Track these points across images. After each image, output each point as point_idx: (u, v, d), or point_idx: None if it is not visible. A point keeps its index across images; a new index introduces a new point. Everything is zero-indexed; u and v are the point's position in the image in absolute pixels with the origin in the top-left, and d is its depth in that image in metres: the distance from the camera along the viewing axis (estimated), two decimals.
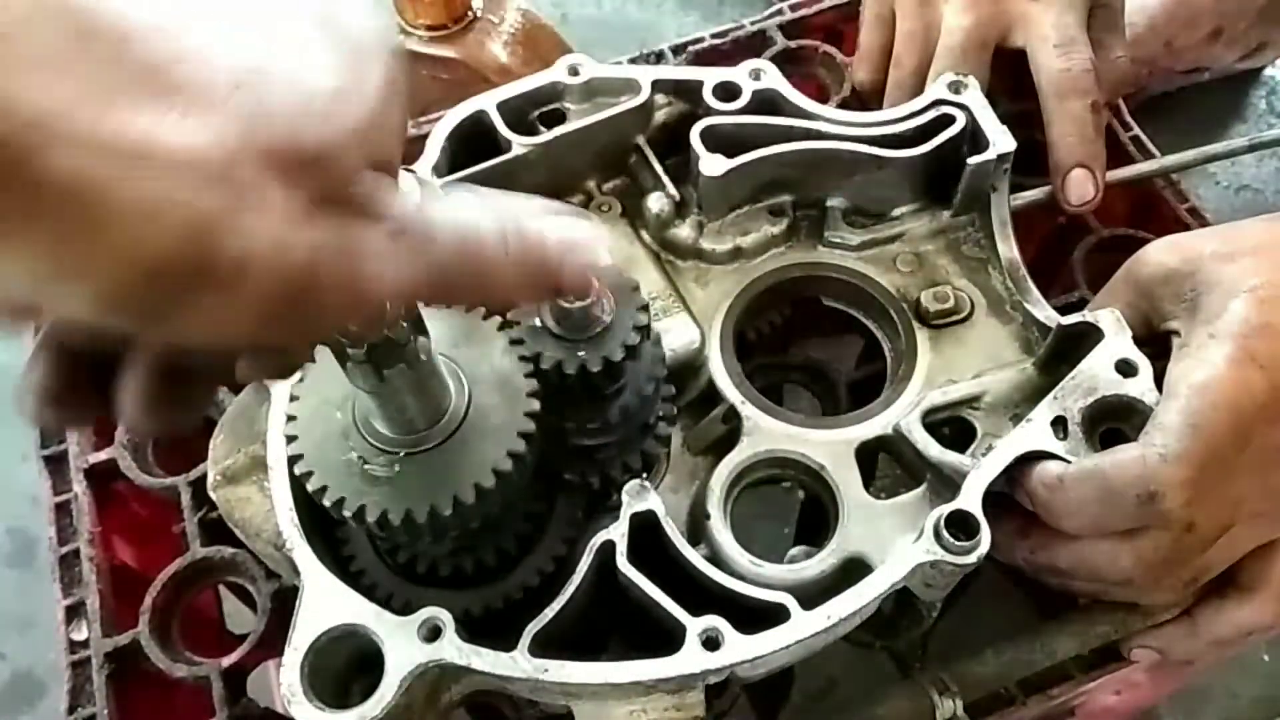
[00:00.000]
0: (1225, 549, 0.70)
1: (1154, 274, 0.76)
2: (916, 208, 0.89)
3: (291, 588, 0.80)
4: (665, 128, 0.89)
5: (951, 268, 0.87)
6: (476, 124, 0.85)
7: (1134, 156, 1.01)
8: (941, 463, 0.73)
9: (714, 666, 0.62)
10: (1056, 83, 0.89)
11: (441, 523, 0.58)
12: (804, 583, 0.70)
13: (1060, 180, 0.89)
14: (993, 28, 0.93)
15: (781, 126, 0.85)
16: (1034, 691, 0.80)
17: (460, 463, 0.57)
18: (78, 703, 0.80)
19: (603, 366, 0.63)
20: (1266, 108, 1.83)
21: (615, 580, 0.66)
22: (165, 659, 0.80)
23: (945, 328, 0.84)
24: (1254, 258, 0.72)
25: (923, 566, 0.66)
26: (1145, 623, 0.77)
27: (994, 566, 0.74)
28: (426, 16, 1.37)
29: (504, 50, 1.41)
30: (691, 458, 0.80)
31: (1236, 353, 0.67)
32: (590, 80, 0.87)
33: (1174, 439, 0.65)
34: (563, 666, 0.62)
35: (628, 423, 0.67)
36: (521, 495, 0.65)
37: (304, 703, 0.60)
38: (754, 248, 0.87)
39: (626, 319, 0.64)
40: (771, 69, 0.88)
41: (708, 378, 0.81)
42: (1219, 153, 0.96)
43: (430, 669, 0.61)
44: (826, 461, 0.75)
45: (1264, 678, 1.36)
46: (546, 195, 0.86)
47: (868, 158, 0.85)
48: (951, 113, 0.85)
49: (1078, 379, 0.73)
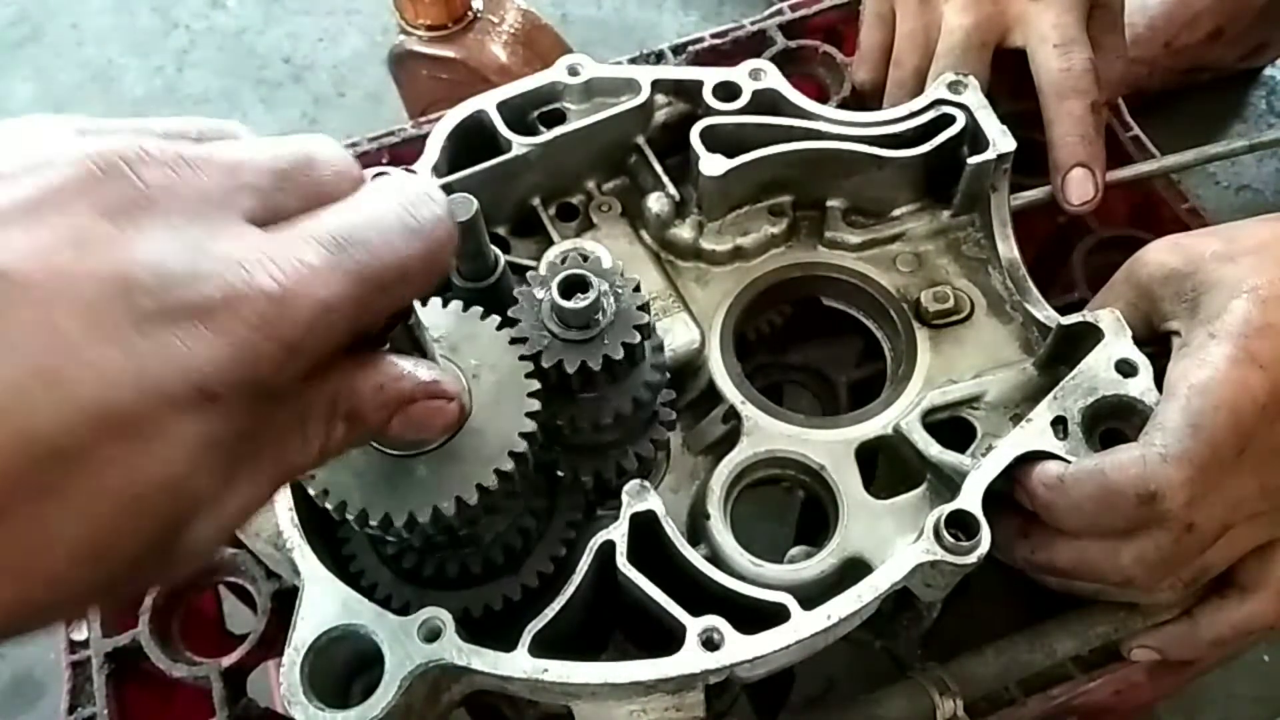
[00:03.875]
0: (1225, 549, 0.70)
1: (1154, 274, 0.76)
2: (916, 208, 0.89)
3: (291, 588, 0.80)
4: (665, 128, 0.89)
5: (951, 268, 0.87)
6: (476, 124, 0.85)
7: (1134, 157, 1.01)
8: (941, 463, 0.73)
9: (714, 667, 0.62)
10: (1056, 83, 0.89)
11: (444, 524, 0.58)
12: (804, 583, 0.70)
13: (1060, 180, 0.89)
14: (993, 28, 0.93)
15: (781, 126, 0.85)
16: (1034, 691, 0.80)
17: (462, 464, 0.57)
18: (77, 703, 0.80)
19: (603, 365, 0.63)
20: (1266, 108, 1.83)
21: (615, 580, 0.66)
22: (165, 659, 0.79)
23: (945, 328, 0.84)
24: (1255, 258, 0.72)
25: (923, 567, 0.66)
26: (1145, 623, 0.77)
27: (994, 566, 0.74)
28: (426, 16, 1.37)
29: (504, 50, 1.41)
30: (691, 458, 0.80)
31: (1237, 353, 0.67)
32: (590, 80, 0.87)
33: (1174, 439, 0.65)
34: (563, 667, 0.62)
35: (628, 422, 0.67)
36: (522, 495, 0.65)
37: (304, 703, 0.60)
38: (754, 248, 0.87)
39: (627, 318, 0.64)
40: (771, 69, 0.88)
41: (708, 378, 0.81)
42: (1219, 153, 0.96)
43: (430, 669, 0.61)
44: (826, 461, 0.76)
45: (1264, 677, 1.36)
46: (546, 195, 0.88)
47: (868, 158, 0.85)
48: (951, 113, 0.85)
49: (1078, 379, 0.73)
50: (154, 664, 0.79)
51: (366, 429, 0.47)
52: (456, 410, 0.52)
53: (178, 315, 0.37)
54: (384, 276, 0.43)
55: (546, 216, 0.87)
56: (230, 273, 0.38)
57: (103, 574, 0.38)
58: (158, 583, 0.44)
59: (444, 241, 0.46)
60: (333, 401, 0.45)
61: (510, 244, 0.87)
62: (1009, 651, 0.79)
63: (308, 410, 0.44)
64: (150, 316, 0.36)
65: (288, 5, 2.16)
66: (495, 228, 0.87)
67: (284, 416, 0.43)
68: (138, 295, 0.36)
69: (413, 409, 0.49)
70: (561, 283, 0.63)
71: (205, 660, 0.80)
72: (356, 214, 0.43)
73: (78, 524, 0.36)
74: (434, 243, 0.45)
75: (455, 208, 0.65)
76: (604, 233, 0.87)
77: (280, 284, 0.39)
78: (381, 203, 0.44)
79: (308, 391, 0.43)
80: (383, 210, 0.44)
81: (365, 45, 2.09)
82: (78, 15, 2.18)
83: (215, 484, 0.40)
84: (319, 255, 0.40)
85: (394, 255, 0.43)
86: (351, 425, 0.46)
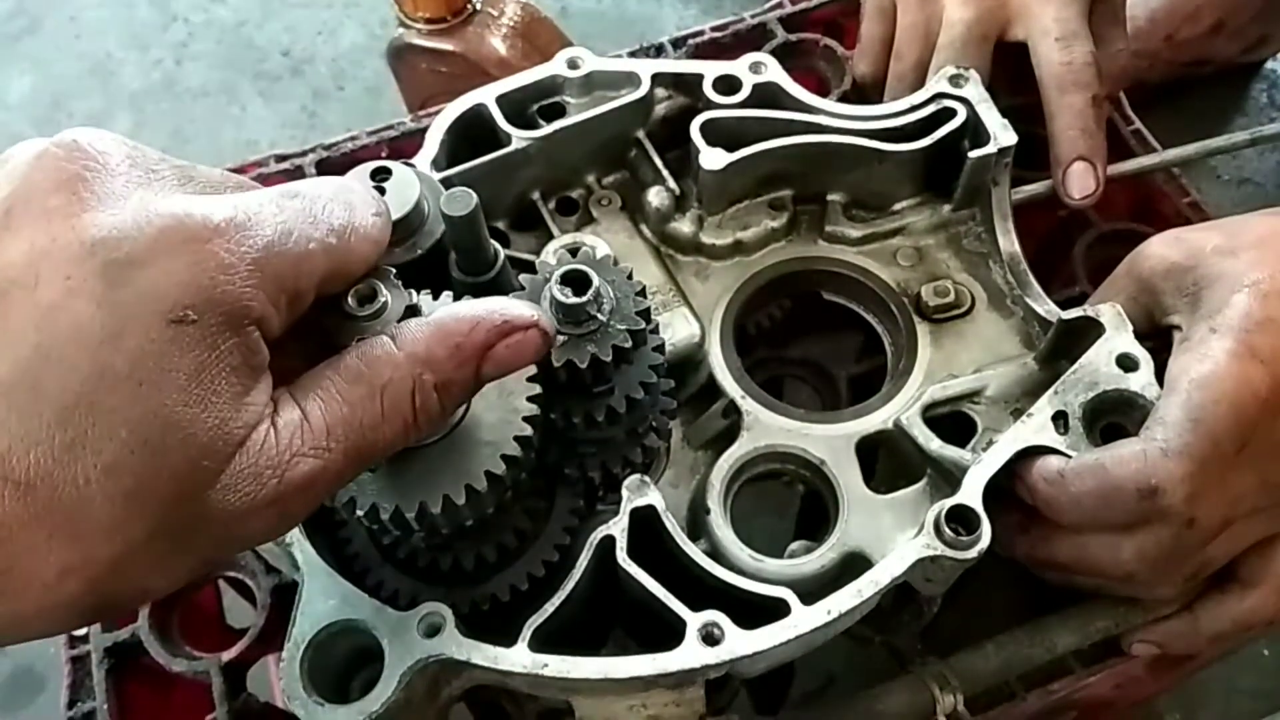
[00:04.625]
0: (1226, 544, 0.70)
1: (1156, 268, 0.76)
2: (917, 202, 0.89)
3: (291, 583, 0.80)
4: (665, 121, 0.89)
5: (952, 262, 0.87)
6: (476, 118, 0.85)
7: (1135, 150, 1.01)
8: (942, 457, 0.73)
9: (714, 661, 0.62)
10: (1058, 76, 0.89)
11: (431, 521, 0.58)
12: (804, 578, 0.70)
13: (1061, 174, 0.88)
14: (994, 21, 0.93)
15: (782, 120, 0.85)
16: (1034, 686, 0.80)
17: (456, 461, 0.57)
18: (77, 697, 0.80)
19: (603, 360, 0.63)
20: (1268, 101, 1.83)
21: (615, 575, 0.66)
22: (165, 654, 0.80)
23: (946, 322, 0.83)
24: (1256, 252, 0.71)
25: (923, 561, 0.65)
26: (1145, 617, 0.77)
27: (994, 561, 0.74)
28: (426, 9, 1.37)
29: (503, 44, 1.40)
30: (691, 452, 0.80)
31: (1238, 347, 0.67)
32: (590, 74, 0.87)
33: (1175, 434, 0.65)
34: (563, 661, 0.62)
35: (628, 417, 0.67)
36: (520, 491, 0.65)
37: (304, 697, 0.60)
38: (754, 242, 0.87)
39: (626, 313, 0.64)
40: (772, 63, 0.87)
41: (708, 372, 0.81)
42: (1220, 146, 0.96)
43: (430, 664, 0.61)
44: (827, 456, 0.75)
45: (1264, 672, 1.36)
46: (546, 189, 0.88)
47: (868, 151, 0.85)
48: (952, 106, 0.85)
49: (1079, 373, 0.72)
50: (154, 658, 0.80)
51: (462, 391, 0.51)
52: (539, 337, 0.53)
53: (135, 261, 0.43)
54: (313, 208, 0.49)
55: (546, 210, 0.87)
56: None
57: (147, 521, 0.42)
58: (217, 549, 0.46)
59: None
60: (410, 380, 0.49)
61: (510, 238, 0.87)
62: (1009, 646, 0.79)
63: (397, 396, 0.48)
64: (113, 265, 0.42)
65: None
66: (495, 222, 0.87)
67: (358, 392, 0.48)
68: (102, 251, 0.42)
69: (494, 354, 0.51)
70: (561, 278, 0.62)
71: (205, 655, 0.80)
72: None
73: (108, 476, 0.41)
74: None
75: (454, 202, 0.65)
76: (604, 227, 0.87)
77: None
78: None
79: (391, 385, 0.48)
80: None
81: (364, 38, 2.09)
82: (76, 8, 2.17)
83: (231, 412, 0.44)
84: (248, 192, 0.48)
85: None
86: (446, 393, 0.50)
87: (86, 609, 0.44)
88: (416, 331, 0.50)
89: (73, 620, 0.45)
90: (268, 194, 0.49)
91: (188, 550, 0.45)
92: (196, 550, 0.46)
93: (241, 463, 0.44)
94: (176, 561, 0.45)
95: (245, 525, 0.45)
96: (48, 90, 2.06)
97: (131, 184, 0.45)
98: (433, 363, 0.49)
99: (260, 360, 0.46)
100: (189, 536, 0.45)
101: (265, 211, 0.47)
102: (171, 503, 0.43)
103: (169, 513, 0.43)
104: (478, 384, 0.52)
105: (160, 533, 0.43)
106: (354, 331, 0.51)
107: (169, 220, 0.44)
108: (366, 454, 0.48)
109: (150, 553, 0.43)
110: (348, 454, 0.47)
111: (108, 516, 0.41)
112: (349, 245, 0.50)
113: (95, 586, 0.43)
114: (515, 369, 0.53)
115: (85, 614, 0.45)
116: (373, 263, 0.52)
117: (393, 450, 0.50)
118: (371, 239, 0.52)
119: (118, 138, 0.47)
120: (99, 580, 0.43)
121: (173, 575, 0.46)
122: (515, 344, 0.51)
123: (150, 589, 0.46)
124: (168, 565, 0.45)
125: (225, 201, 0.46)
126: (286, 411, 0.46)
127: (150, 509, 0.42)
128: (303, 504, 0.47)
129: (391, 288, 0.53)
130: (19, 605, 0.42)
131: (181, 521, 0.43)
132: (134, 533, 0.42)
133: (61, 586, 0.42)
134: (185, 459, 0.42)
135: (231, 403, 0.44)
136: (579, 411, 0.65)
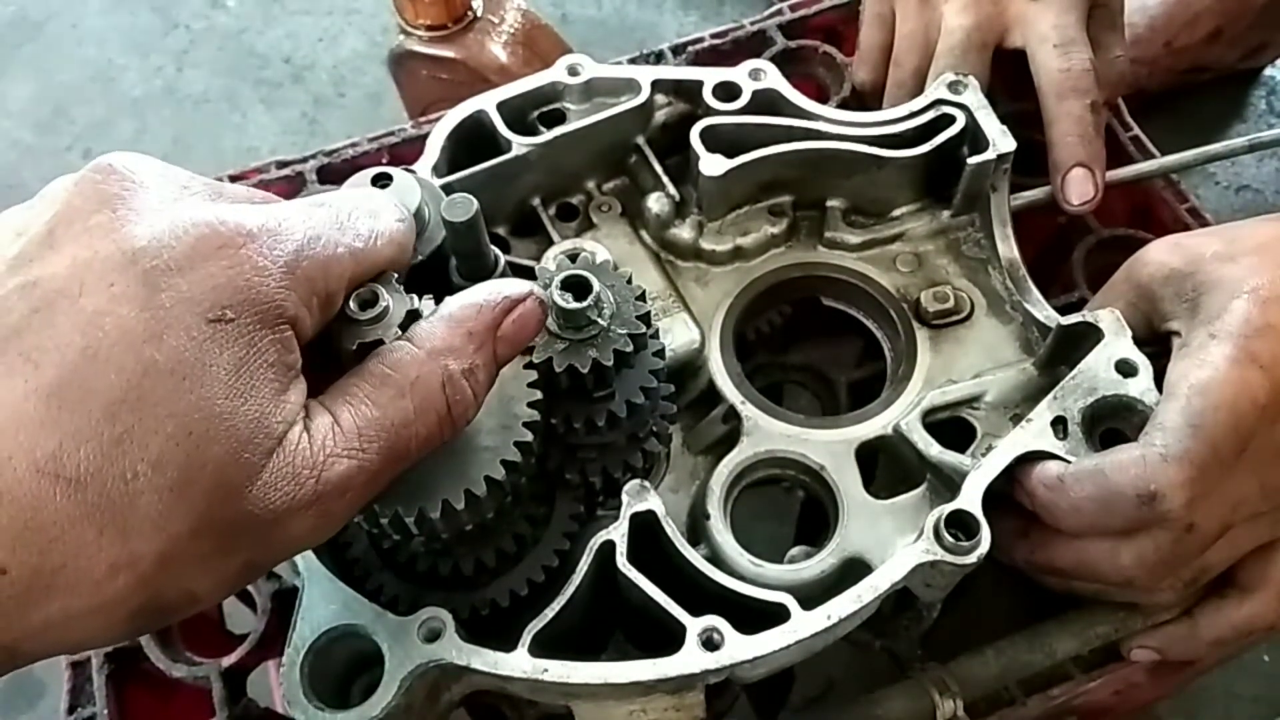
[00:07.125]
0: (1225, 549, 0.70)
1: (1155, 274, 0.76)
2: (916, 208, 0.89)
3: (291, 588, 0.80)
4: (665, 128, 0.89)
5: (951, 268, 0.87)
6: (476, 124, 0.85)
7: (1134, 156, 1.01)
8: (941, 463, 0.73)
9: (714, 667, 0.62)
10: (1056, 83, 0.89)
11: (431, 525, 0.58)
12: (804, 583, 0.70)
13: (1060, 180, 0.89)
14: (992, 28, 0.93)
15: (781, 126, 0.85)
16: (1034, 691, 0.80)
17: (456, 466, 0.57)
18: (77, 703, 0.80)
19: (604, 365, 0.63)
20: (1266, 108, 1.83)
21: (615, 580, 0.66)
22: (165, 659, 0.80)
23: (945, 328, 0.84)
24: (1255, 258, 0.72)
25: (923, 567, 0.66)
26: (1145, 623, 0.77)
27: (994, 566, 0.74)
28: (426, 16, 1.37)
29: (504, 50, 1.41)
30: (691, 458, 0.80)
31: (1237, 353, 0.67)
32: (590, 80, 0.87)
33: (1174, 439, 0.65)
34: (562, 666, 0.62)
35: (628, 422, 0.67)
36: (520, 496, 0.65)
37: (304, 703, 0.60)
38: (754, 248, 0.87)
39: (627, 318, 0.64)
40: (771, 69, 0.88)
41: (708, 378, 0.81)
42: (1219, 153, 0.96)
43: (430, 669, 0.61)
44: (826, 461, 0.76)
45: (1264, 678, 1.36)
46: (546, 195, 0.88)
47: (867, 158, 0.85)
48: (951, 113, 0.85)
49: (1078, 379, 0.73)
50: (154, 664, 0.80)
51: (488, 375, 0.54)
52: (536, 305, 0.56)
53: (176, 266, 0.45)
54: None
55: (546, 216, 0.87)
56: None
57: (191, 515, 0.43)
58: (260, 552, 0.48)
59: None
60: (439, 372, 0.51)
61: (510, 244, 0.87)
62: (1009, 651, 0.79)
63: (428, 391, 0.51)
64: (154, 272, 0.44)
65: (287, 5, 2.16)
66: (495, 228, 0.87)
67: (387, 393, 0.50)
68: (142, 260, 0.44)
69: (503, 332, 0.54)
70: (561, 284, 0.63)
71: (205, 660, 0.80)
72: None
73: (154, 469, 0.42)
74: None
75: (455, 208, 0.65)
76: (604, 233, 0.87)
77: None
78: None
79: (420, 382, 0.50)
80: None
81: (365, 45, 2.09)
82: (77, 15, 2.18)
83: (270, 406, 0.45)
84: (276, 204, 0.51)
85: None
86: (474, 378, 0.52)
87: (136, 609, 0.45)
88: (430, 329, 0.52)
89: (124, 623, 0.45)
90: (296, 204, 0.52)
91: (231, 551, 0.46)
92: (239, 551, 0.47)
93: (279, 461, 0.45)
94: (220, 563, 0.46)
95: (286, 527, 0.47)
96: (49, 97, 2.07)
97: (166, 199, 0.48)
98: (455, 351, 0.51)
99: (294, 360, 0.48)
100: (232, 536, 0.46)
101: (294, 219, 0.49)
102: (214, 496, 0.44)
103: (212, 507, 0.44)
104: (497, 367, 0.54)
105: (203, 530, 0.44)
106: (356, 335, 0.52)
107: (204, 228, 0.46)
108: (402, 452, 0.50)
109: (195, 550, 0.45)
110: (382, 453, 0.49)
111: (154, 511, 0.43)
112: (375, 249, 0.53)
113: (144, 583, 0.44)
114: (524, 343, 0.56)
115: (135, 616, 0.45)
116: (398, 265, 0.55)
117: (430, 447, 0.52)
118: (396, 243, 0.55)
119: (149, 159, 0.50)
120: (148, 577, 0.44)
121: (217, 576, 0.47)
122: (519, 317, 0.54)
123: (197, 593, 0.47)
124: (212, 565, 0.46)
125: (256, 210, 0.49)
126: (318, 417, 0.48)
127: (194, 502, 0.43)
128: (343, 506, 0.48)
129: (393, 292, 0.53)
130: (72, 602, 0.43)
131: (224, 518, 0.45)
132: (178, 527, 0.43)
133: (111, 583, 0.43)
134: (226, 451, 0.44)
135: (271, 398, 0.46)
136: (579, 416, 0.65)
